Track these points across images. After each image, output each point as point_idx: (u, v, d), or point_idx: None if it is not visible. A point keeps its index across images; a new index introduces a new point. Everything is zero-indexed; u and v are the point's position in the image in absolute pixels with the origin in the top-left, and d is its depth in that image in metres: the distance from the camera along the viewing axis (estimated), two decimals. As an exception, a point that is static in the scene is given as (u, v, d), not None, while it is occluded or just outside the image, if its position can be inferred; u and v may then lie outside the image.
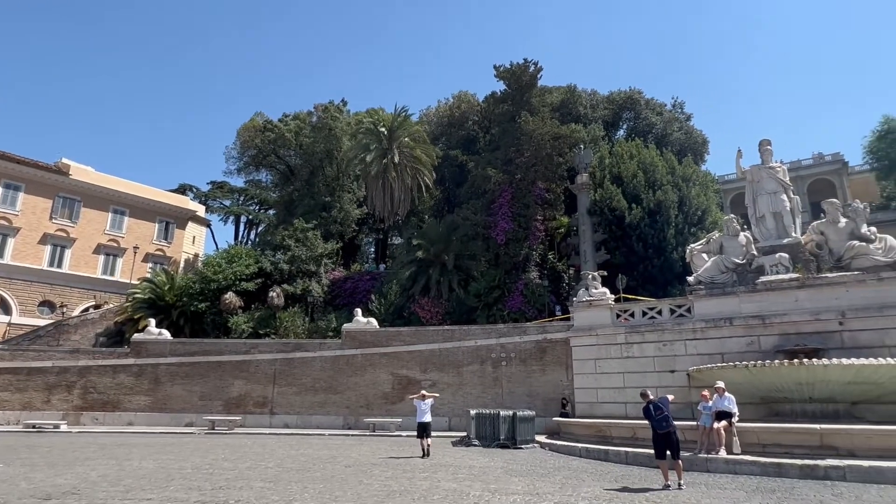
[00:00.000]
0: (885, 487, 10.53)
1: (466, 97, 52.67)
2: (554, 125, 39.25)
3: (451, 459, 15.55)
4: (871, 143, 51.55)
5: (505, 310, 34.27)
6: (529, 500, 9.40)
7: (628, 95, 51.27)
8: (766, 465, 12.35)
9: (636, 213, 33.72)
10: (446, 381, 26.97)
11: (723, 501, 9.29)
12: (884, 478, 11.11)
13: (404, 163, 43.71)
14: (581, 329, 23.82)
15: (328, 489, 10.37)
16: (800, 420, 15.77)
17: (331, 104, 51.09)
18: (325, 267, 42.31)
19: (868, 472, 11.33)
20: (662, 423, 10.75)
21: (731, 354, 19.79)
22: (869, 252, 19.03)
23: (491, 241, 37.04)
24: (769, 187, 21.93)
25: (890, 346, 17.52)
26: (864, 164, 54.41)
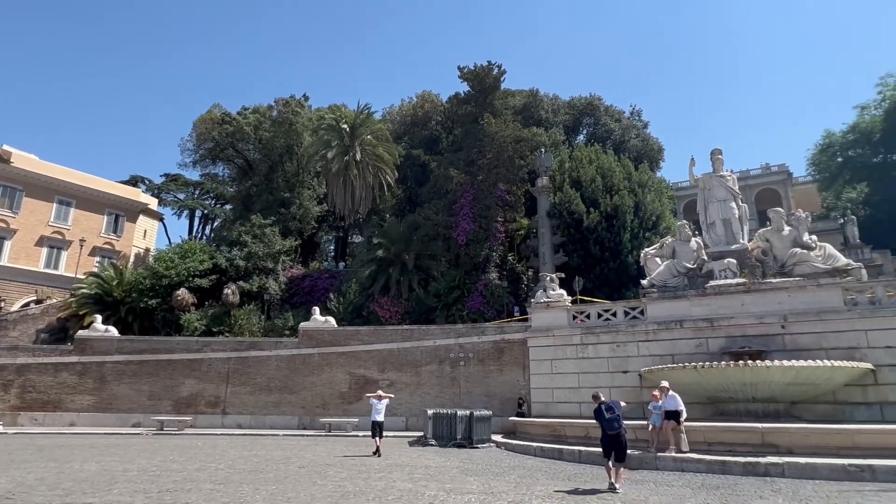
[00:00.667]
0: (819, 483, 11.08)
1: (430, 97, 52.70)
2: (516, 128, 39.66)
3: (408, 459, 15.51)
4: (814, 155, 54.21)
5: (464, 310, 34.42)
6: (484, 499, 9.47)
7: (588, 101, 52.34)
8: (712, 462, 12.81)
9: (594, 216, 34.42)
10: (404, 381, 26.89)
11: (670, 499, 9.58)
12: (819, 474, 11.68)
13: (366, 160, 43.35)
14: (538, 330, 24.15)
15: (281, 490, 10.18)
16: (744, 419, 16.43)
17: (292, 99, 50.19)
18: (282, 264, 41.55)
19: (805, 468, 11.90)
20: (614, 423, 10.80)
21: (682, 356, 20.44)
22: (809, 259, 19.99)
23: (452, 242, 37.15)
24: (719, 195, 22.77)
25: (827, 349, 18.43)
26: (808, 176, 57.18)
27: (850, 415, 17.56)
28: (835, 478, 11.43)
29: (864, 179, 49.21)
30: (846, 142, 50.93)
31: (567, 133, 49.16)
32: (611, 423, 10.79)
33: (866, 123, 49.66)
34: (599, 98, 52.72)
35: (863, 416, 17.41)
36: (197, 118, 54.08)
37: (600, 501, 9.35)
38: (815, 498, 9.50)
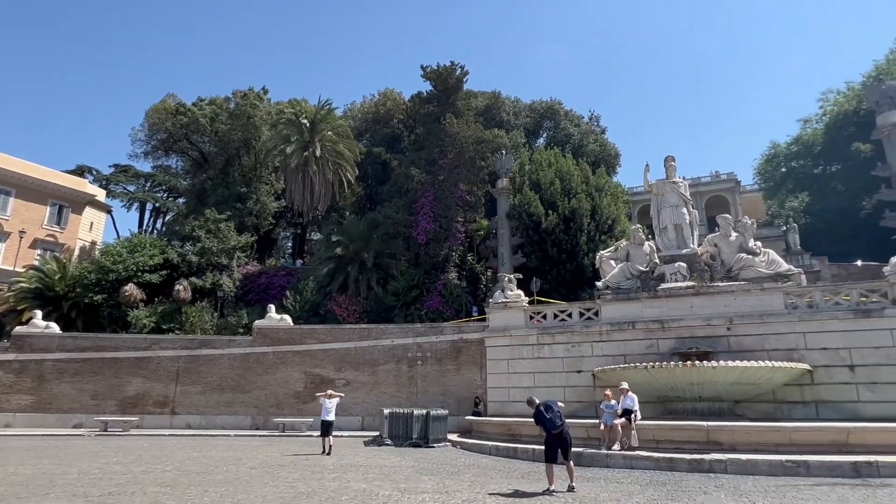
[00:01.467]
0: (759, 478, 11.59)
1: (392, 95, 52.49)
2: (478, 129, 39.92)
3: (363, 459, 15.40)
4: (760, 165, 56.70)
5: (423, 309, 34.42)
6: (438, 498, 9.49)
7: (549, 106, 53.19)
8: (660, 459, 13.22)
9: (552, 219, 34.99)
10: (361, 381, 26.68)
11: (619, 495, 9.84)
12: (759, 469, 12.22)
13: (326, 157, 42.79)
14: (496, 330, 24.37)
15: (231, 492, 9.94)
16: (691, 417, 17.02)
17: (250, 91, 49.05)
18: (237, 260, 40.56)
19: (746, 464, 12.43)
20: (556, 421, 10.56)
21: (633, 356, 21.01)
22: (754, 264, 20.88)
23: (412, 241, 37.08)
24: (672, 201, 23.53)
25: (769, 350, 19.29)
26: (754, 185, 59.73)
27: (788, 413, 18.43)
28: (773, 473, 11.98)
29: (806, 189, 51.77)
30: (790, 153, 53.47)
31: (527, 136, 49.82)
32: (553, 422, 10.54)
33: (808, 136, 52.26)
34: (560, 103, 53.68)
35: (800, 414, 18.29)
36: (150, 108, 52.21)
37: (553, 500, 9.51)
38: (754, 493, 9.93)
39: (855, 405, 17.95)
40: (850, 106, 46.70)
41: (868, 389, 17.99)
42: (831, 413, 17.87)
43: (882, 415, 17.09)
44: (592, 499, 9.49)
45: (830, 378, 18.48)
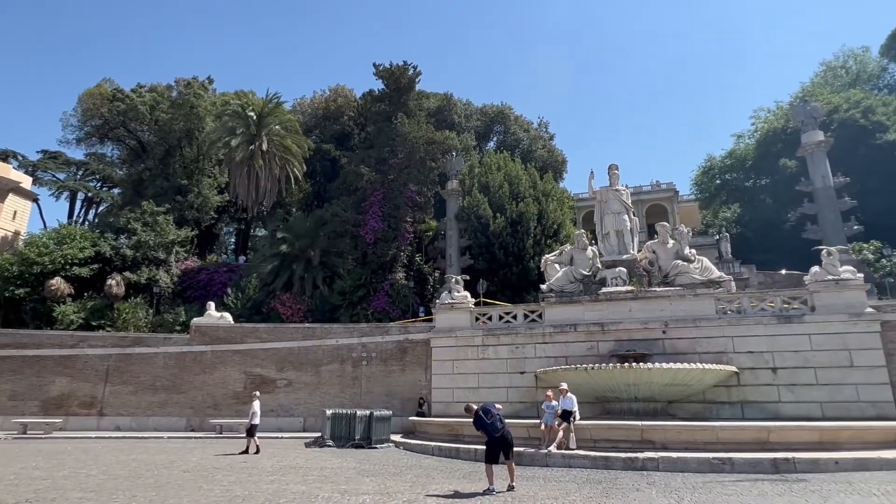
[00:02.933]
0: (688, 475, 12.14)
1: (343, 91, 51.84)
2: (429, 130, 39.99)
3: (303, 461, 15.11)
4: (697, 177, 59.44)
5: (369, 309, 34.16)
6: (379, 499, 9.44)
7: (499, 110, 53.91)
8: (596, 458, 13.63)
9: (500, 222, 35.45)
10: (304, 381, 26.16)
11: (556, 493, 10.08)
12: (688, 467, 12.80)
13: (273, 151, 41.78)
14: (442, 330, 24.46)
15: (161, 497, 9.54)
16: (627, 417, 17.63)
17: (194, 80, 47.25)
18: (176, 255, 39.00)
19: (676, 462, 12.99)
20: (497, 424, 10.70)
21: (574, 357, 21.55)
22: (689, 271, 21.86)
23: (359, 240, 36.74)
24: (614, 208, 24.33)
25: (700, 353, 20.23)
26: (691, 195, 62.53)
27: (716, 413, 19.39)
28: (701, 470, 12.58)
29: (738, 201, 54.67)
30: (724, 166, 56.33)
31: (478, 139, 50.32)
32: (494, 426, 10.64)
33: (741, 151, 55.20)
34: (510, 107, 54.52)
35: (727, 414, 19.28)
36: (83, 91, 49.36)
37: (493, 499, 9.63)
38: (683, 489, 10.39)
39: (776, 405, 19.08)
40: (778, 124, 49.63)
41: (788, 391, 19.16)
42: (755, 413, 18.92)
43: (800, 414, 18.27)
44: (531, 497, 9.67)
45: (755, 380, 19.57)
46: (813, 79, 59.83)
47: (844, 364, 18.88)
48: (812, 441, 14.14)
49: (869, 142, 42.12)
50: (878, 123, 43.18)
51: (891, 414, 17.84)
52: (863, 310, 19.28)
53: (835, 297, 19.63)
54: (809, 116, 35.59)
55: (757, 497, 9.56)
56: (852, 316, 19.19)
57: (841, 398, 18.57)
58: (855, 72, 58.06)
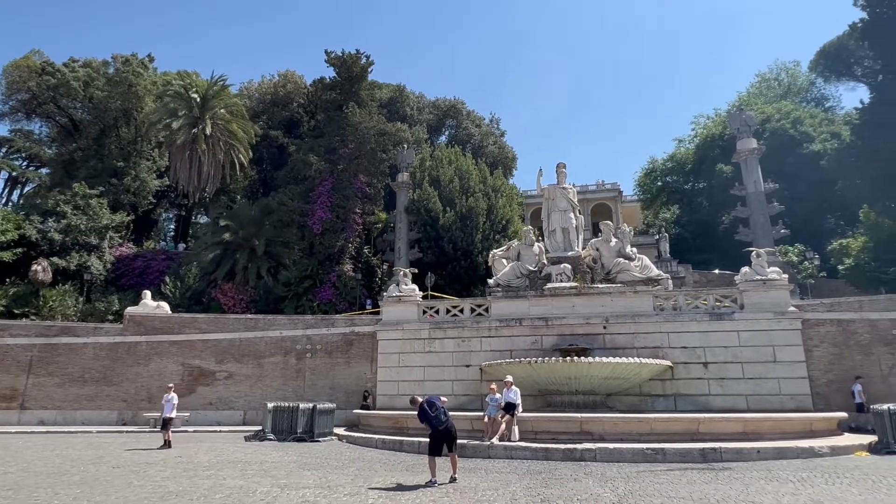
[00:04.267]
0: (623, 465, 12.60)
1: (293, 77, 50.56)
2: (381, 121, 39.62)
3: (241, 455, 14.73)
4: (640, 178, 61.64)
5: (315, 301, 33.63)
6: (320, 493, 9.32)
7: (452, 104, 54.01)
8: (537, 450, 13.94)
9: (449, 216, 35.58)
10: (245, 373, 25.47)
11: (497, 485, 10.25)
12: (623, 457, 13.29)
13: (217, 136, 40.33)
14: (389, 323, 24.36)
15: (87, 494, 9.08)
16: (567, 409, 18.14)
17: (133, 57, 44.90)
18: (110, 241, 37.10)
19: (613, 452, 13.45)
20: (441, 417, 10.70)
21: (519, 351, 21.94)
22: (630, 269, 22.63)
23: (307, 230, 36.05)
24: (561, 205, 24.87)
25: (638, 348, 21.03)
26: (634, 195, 64.76)
27: (651, 405, 20.23)
28: (636, 460, 13.08)
29: (677, 203, 57.05)
30: (665, 169, 58.64)
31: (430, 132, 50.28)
32: (438, 419, 10.64)
33: (682, 155, 57.58)
34: (463, 102, 54.70)
35: (661, 406, 20.15)
36: (9, 63, 46.03)
37: (434, 490, 9.70)
38: (618, 479, 10.78)
39: (707, 398, 20.09)
40: (716, 130, 52.06)
41: (717, 384, 20.21)
42: (687, 405, 19.86)
43: (728, 406, 19.30)
44: (472, 489, 9.80)
45: (688, 374, 20.53)
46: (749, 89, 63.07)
47: (768, 359, 20.08)
48: (737, 432, 14.97)
49: (797, 151, 44.81)
50: (805, 134, 46.00)
51: (807, 406, 19.13)
52: (787, 308, 20.54)
53: (762, 297, 20.81)
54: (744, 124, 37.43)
55: (686, 485, 10.03)
56: (777, 314, 20.41)
57: (764, 391, 19.75)
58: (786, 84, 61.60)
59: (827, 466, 12.02)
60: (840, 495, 8.90)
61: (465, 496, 9.13)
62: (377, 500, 8.77)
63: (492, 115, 58.63)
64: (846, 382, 19.66)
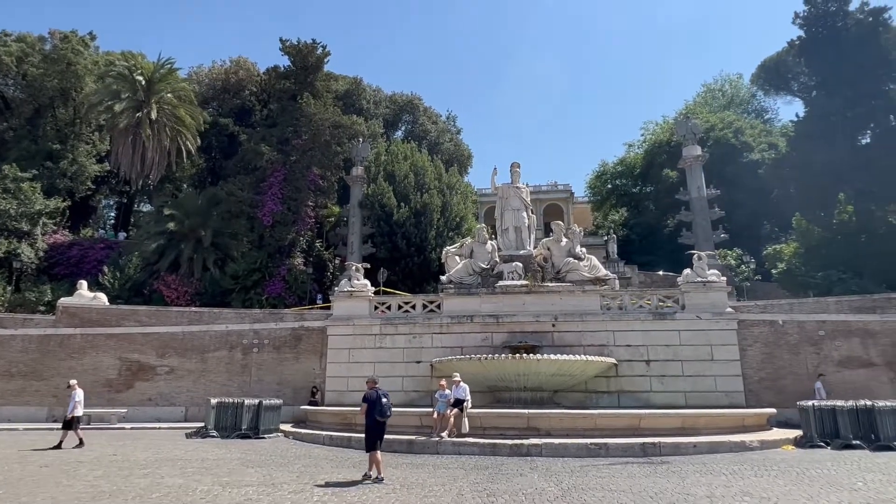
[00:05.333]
0: (568, 460, 12.91)
1: (246, 64, 49.09)
2: (336, 113, 39.02)
3: (182, 453, 14.24)
4: (591, 180, 63.20)
5: (264, 294, 32.89)
6: (264, 491, 9.12)
7: (409, 100, 53.78)
8: (485, 445, 14.10)
9: (404, 212, 35.45)
10: (187, 368, 24.61)
11: (444, 480, 10.30)
12: (569, 452, 13.61)
13: (163, 121, 38.74)
14: (339, 319, 24.07)
15: (11, 495, 8.56)
16: (516, 406, 18.39)
17: (73, 34, 42.50)
18: (43, 228, 35.08)
19: (558, 447, 13.76)
20: (387, 411, 10.55)
21: (469, 348, 22.11)
22: (579, 268, 23.17)
23: (256, 222, 35.16)
24: (514, 204, 25.20)
25: (585, 346, 21.55)
26: (585, 197, 66.33)
27: (596, 401, 20.78)
28: (580, 455, 13.43)
29: (626, 205, 58.83)
30: (615, 172, 60.35)
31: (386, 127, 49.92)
32: (384, 410, 10.50)
33: (631, 159, 59.39)
34: (420, 98, 54.55)
35: (605, 402, 20.73)
36: (-70, 32, 42.70)
37: (381, 487, 9.66)
38: (562, 473, 11.04)
39: (648, 394, 20.83)
40: (664, 137, 53.94)
41: (659, 381, 20.97)
42: (630, 401, 20.52)
43: (668, 403, 20.05)
44: (419, 485, 9.81)
45: (631, 371, 21.21)
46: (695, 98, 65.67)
47: (706, 358, 21.00)
48: (676, 427, 15.58)
49: (737, 159, 47.01)
50: (746, 144, 48.32)
51: (740, 403, 20.12)
52: (724, 309, 21.52)
53: (702, 298, 21.72)
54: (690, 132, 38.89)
55: (626, 479, 10.37)
56: (715, 315, 21.36)
57: (702, 388, 20.64)
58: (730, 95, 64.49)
59: (756, 459, 12.68)
60: (767, 487, 9.40)
61: (411, 492, 9.14)
62: (322, 498, 8.66)
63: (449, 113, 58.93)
64: (776, 380, 20.81)
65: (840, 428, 15.00)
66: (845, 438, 14.76)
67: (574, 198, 65.99)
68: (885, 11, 33.47)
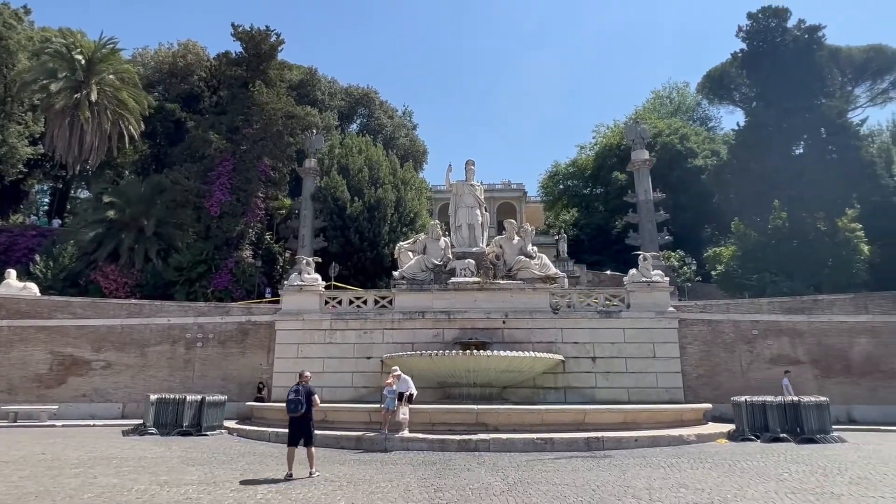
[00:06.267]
0: (515, 454, 13.11)
1: (195, 48, 47.26)
2: (289, 103, 38.16)
3: (118, 451, 13.64)
4: (544, 180, 64.37)
5: (210, 287, 31.88)
6: (204, 490, 8.86)
7: (365, 93, 53.18)
8: (433, 441, 14.14)
9: (357, 206, 35.08)
10: (126, 363, 23.59)
11: (392, 476, 10.28)
12: (516, 447, 13.83)
13: (104, 103, 36.86)
14: (289, 313, 23.63)
15: (-75, 498, 7.99)
16: (465, 402, 18.55)
17: (5, 7, 39.80)
18: (-34, 212, 32.75)
19: (506, 443, 13.96)
20: (296, 406, 10.42)
21: (421, 344, 22.12)
22: (530, 267, 23.56)
23: (203, 212, 33.98)
24: (468, 202, 25.38)
25: (534, 343, 21.94)
26: (538, 196, 67.48)
27: (543, 397, 21.23)
28: (527, 450, 13.67)
29: (576, 206, 60.20)
30: (567, 173, 61.69)
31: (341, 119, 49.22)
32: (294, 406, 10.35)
33: (583, 161, 60.83)
34: (376, 91, 54.01)
35: (552, 398, 21.20)
36: None
37: (328, 484, 9.55)
38: (509, 468, 11.22)
39: (594, 390, 21.43)
40: (614, 140, 55.50)
41: (604, 377, 21.61)
42: (576, 397, 21.06)
43: (612, 398, 20.69)
44: (367, 481, 9.76)
45: (578, 368, 21.77)
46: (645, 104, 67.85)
47: (649, 355, 21.79)
48: (619, 422, 16.10)
49: (683, 165, 48.88)
50: (691, 150, 50.30)
51: (680, 398, 20.98)
52: (667, 309, 22.37)
53: (646, 297, 22.50)
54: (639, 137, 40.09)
55: (570, 472, 10.64)
56: (658, 314, 22.18)
57: (644, 384, 21.41)
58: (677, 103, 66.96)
59: (693, 453, 13.26)
60: (702, 478, 9.85)
61: (358, 489, 9.08)
62: (266, 496, 8.48)
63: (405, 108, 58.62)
64: (713, 377, 21.82)
65: (769, 422, 15.88)
66: (774, 432, 15.64)
67: (527, 197, 66.99)
68: (820, 30, 35.47)
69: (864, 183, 33.77)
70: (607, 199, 53.02)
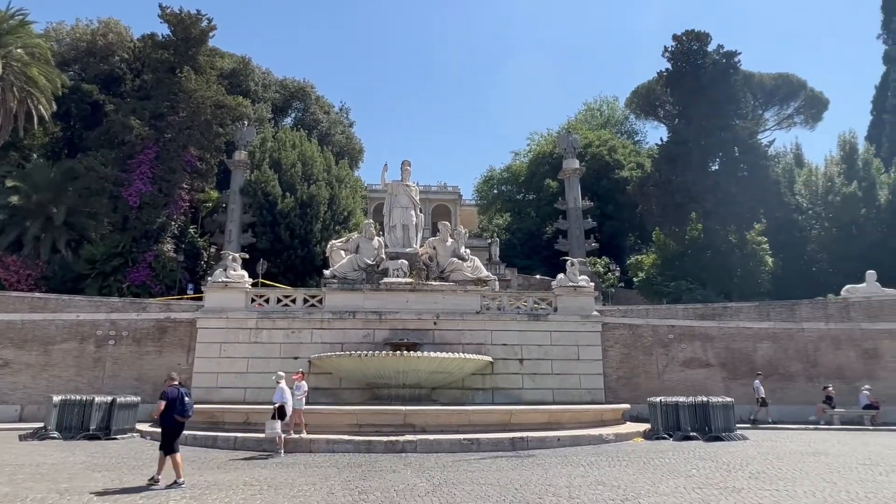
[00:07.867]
0: (441, 455, 13.18)
1: (117, 27, 44.30)
2: (220, 92, 36.66)
3: (12, 457, 12.55)
4: (479, 184, 65.30)
5: (126, 282, 30.08)
6: (109, 497, 8.31)
7: (301, 86, 51.93)
8: (360, 442, 13.98)
9: (289, 202, 34.18)
10: (26, 361, 21.76)
11: (315, 479, 10.07)
12: (443, 447, 13.90)
13: (11, 80, 33.81)
14: (212, 311, 22.63)
15: None
16: (394, 402, 18.46)
17: None
18: None
19: (433, 443, 14.01)
20: (189, 410, 9.89)
21: (350, 344, 21.80)
22: (462, 269, 23.80)
23: (121, 202, 32.00)
24: (403, 202, 25.32)
25: (465, 344, 22.17)
26: (472, 200, 68.32)
27: (472, 398, 21.48)
28: (454, 450, 13.77)
29: (509, 211, 61.41)
30: (502, 178, 62.86)
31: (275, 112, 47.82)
32: (185, 410, 9.80)
33: (517, 167, 62.14)
34: (312, 86, 52.87)
35: (480, 399, 21.49)
36: None
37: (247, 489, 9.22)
38: (435, 469, 11.26)
39: (520, 391, 21.91)
40: (548, 148, 57.08)
41: (530, 379, 22.15)
42: (503, 398, 21.44)
43: (538, 399, 21.21)
44: (289, 484, 9.50)
45: (506, 369, 22.19)
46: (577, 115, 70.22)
47: (573, 357, 22.54)
48: (543, 422, 16.55)
49: (610, 175, 51.02)
50: (618, 161, 52.58)
51: (601, 399, 21.84)
52: (591, 313, 23.24)
53: (572, 301, 23.29)
54: (570, 146, 41.56)
55: (495, 472, 10.83)
56: (583, 317, 23.00)
57: (568, 386, 22.12)
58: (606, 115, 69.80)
59: (611, 451, 13.84)
60: (618, 475, 10.30)
61: (279, 492, 8.83)
62: (180, 503, 8.07)
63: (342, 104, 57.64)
64: (632, 378, 22.87)
65: (681, 421, 16.83)
66: (685, 431, 16.59)
67: (462, 200, 67.72)
68: (736, 55, 38.18)
69: (771, 200, 36.65)
70: (539, 205, 54.42)
